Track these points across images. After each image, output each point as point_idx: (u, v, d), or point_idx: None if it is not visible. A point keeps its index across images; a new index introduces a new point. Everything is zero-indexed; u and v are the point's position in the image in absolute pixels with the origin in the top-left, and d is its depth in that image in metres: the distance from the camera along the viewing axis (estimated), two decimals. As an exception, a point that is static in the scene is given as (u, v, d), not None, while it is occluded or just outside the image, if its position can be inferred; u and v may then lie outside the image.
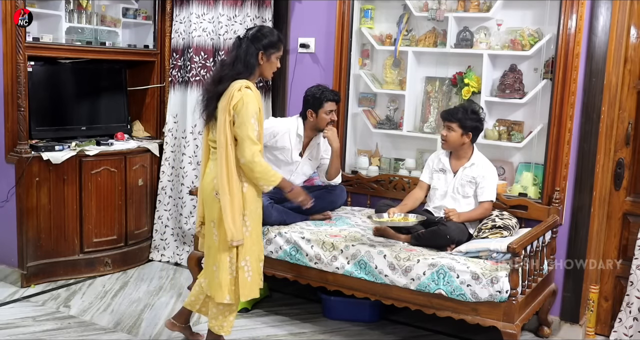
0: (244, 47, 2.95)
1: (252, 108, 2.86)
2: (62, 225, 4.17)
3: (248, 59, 2.94)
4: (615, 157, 3.58)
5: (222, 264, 2.98)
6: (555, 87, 3.51)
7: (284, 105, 4.51)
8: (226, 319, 3.09)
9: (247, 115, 2.85)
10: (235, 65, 2.94)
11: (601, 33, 3.42)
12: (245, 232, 2.97)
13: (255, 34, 2.98)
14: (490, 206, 3.51)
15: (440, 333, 3.65)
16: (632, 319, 3.30)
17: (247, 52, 2.94)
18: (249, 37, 2.97)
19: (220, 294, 3.00)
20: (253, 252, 3.03)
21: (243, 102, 2.85)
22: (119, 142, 4.52)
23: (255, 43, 2.95)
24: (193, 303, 3.29)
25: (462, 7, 3.86)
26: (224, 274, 2.98)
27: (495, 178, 3.55)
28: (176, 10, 4.59)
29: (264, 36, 2.97)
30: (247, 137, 2.86)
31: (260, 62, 2.97)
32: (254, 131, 2.87)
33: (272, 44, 2.98)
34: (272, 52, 2.99)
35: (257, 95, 2.93)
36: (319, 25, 4.33)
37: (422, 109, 4.13)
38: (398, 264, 3.21)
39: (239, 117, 2.86)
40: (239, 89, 2.87)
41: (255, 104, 2.89)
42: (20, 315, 3.67)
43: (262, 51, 2.96)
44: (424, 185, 3.70)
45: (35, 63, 4.09)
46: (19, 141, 3.98)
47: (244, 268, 2.99)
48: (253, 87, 2.94)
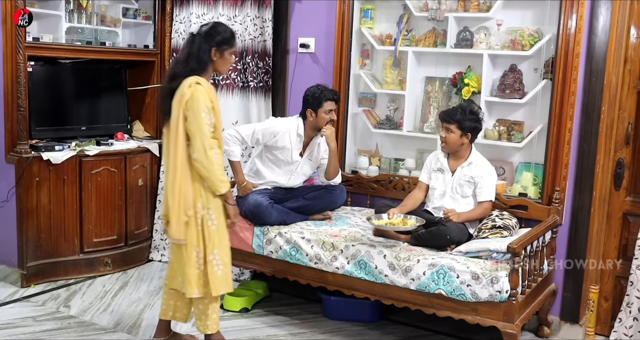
0: (196, 44, 2.98)
1: (202, 102, 2.89)
2: (62, 225, 4.17)
3: (201, 56, 2.97)
4: (615, 157, 3.58)
5: (189, 259, 3.00)
6: (555, 87, 3.51)
7: (284, 105, 4.51)
8: (209, 318, 3.10)
9: (198, 110, 2.88)
10: (189, 62, 2.98)
11: (601, 33, 3.42)
12: (211, 226, 2.99)
13: (208, 31, 3.01)
14: (489, 206, 3.51)
15: (440, 333, 3.65)
16: (632, 319, 3.30)
17: (200, 49, 2.97)
18: (202, 34, 3.00)
19: (189, 289, 3.03)
20: (222, 246, 3.05)
21: (193, 98, 2.88)
22: (119, 142, 4.52)
23: (208, 40, 2.98)
24: (165, 311, 3.27)
25: (462, 7, 3.86)
26: (191, 269, 3.00)
27: (494, 178, 3.55)
28: (176, 10, 4.59)
29: (217, 33, 3.00)
30: (199, 132, 2.88)
31: (214, 58, 3.00)
32: (205, 125, 2.89)
33: (225, 41, 3.01)
34: (225, 48, 3.01)
35: (208, 90, 2.96)
36: (319, 25, 4.33)
37: (422, 109, 4.13)
38: (398, 264, 3.21)
39: (190, 112, 2.89)
40: (189, 86, 2.91)
41: (207, 98, 2.92)
42: (20, 315, 3.67)
43: (215, 48, 2.99)
44: (423, 186, 3.70)
45: (35, 63, 4.09)
46: (19, 141, 3.98)
47: (212, 262, 3.01)
48: (204, 82, 2.96)
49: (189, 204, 2.95)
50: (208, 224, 2.99)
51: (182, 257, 3.02)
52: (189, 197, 2.95)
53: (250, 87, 4.37)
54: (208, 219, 2.99)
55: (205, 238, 3.01)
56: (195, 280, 3.01)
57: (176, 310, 3.23)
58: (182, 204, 2.94)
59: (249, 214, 3.69)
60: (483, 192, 3.49)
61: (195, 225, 2.99)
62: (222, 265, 3.03)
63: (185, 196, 2.94)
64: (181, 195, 2.94)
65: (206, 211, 2.99)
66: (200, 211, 2.99)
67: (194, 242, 2.99)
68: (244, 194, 3.78)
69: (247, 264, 3.77)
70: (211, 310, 3.09)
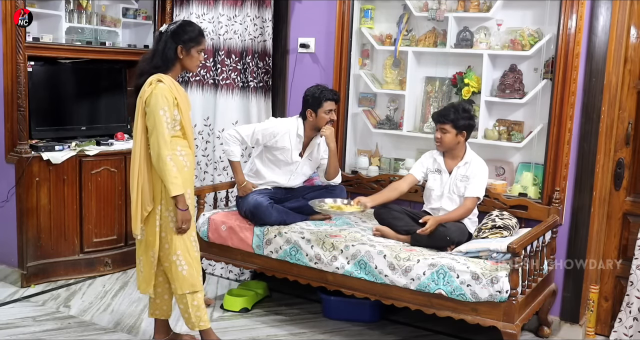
0: (162, 42, 3.02)
1: (160, 100, 2.91)
2: (62, 225, 4.17)
3: (166, 53, 3.00)
4: (615, 157, 3.58)
5: (146, 257, 3.07)
6: (555, 87, 3.51)
7: (284, 105, 4.51)
8: (191, 315, 3.11)
9: (156, 108, 2.91)
10: (154, 59, 3.02)
11: (601, 33, 3.42)
12: (173, 227, 3.02)
13: (175, 29, 3.03)
14: (472, 204, 3.46)
15: (440, 333, 3.65)
16: (632, 319, 3.30)
17: (166, 46, 3.01)
18: (169, 32, 3.03)
19: (143, 286, 3.11)
20: (184, 247, 3.06)
21: (152, 95, 2.92)
22: (119, 142, 4.52)
23: (174, 37, 3.01)
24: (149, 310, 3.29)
25: (462, 7, 3.86)
26: (148, 268, 3.08)
27: (485, 176, 3.51)
28: (176, 10, 4.59)
29: (184, 31, 3.03)
30: (155, 130, 2.92)
31: (180, 56, 3.02)
32: (162, 123, 2.91)
33: (192, 39, 3.03)
34: (192, 46, 3.03)
35: (172, 88, 2.98)
36: (319, 25, 4.33)
37: (422, 109, 4.13)
38: (398, 264, 3.21)
39: (148, 109, 2.93)
40: (149, 84, 2.95)
41: (167, 95, 2.93)
42: (20, 315, 3.67)
43: (182, 45, 3.01)
44: (411, 179, 3.64)
45: (35, 63, 4.10)
46: (19, 141, 3.98)
47: (176, 262, 3.05)
48: (167, 79, 2.98)
49: (147, 199, 2.99)
50: (170, 226, 3.03)
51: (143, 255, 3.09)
52: (147, 193, 2.99)
53: (250, 87, 4.37)
54: (170, 221, 3.02)
55: (168, 239, 3.04)
56: (150, 278, 3.10)
57: (155, 307, 3.25)
58: (141, 199, 2.99)
59: (249, 214, 3.69)
60: (470, 188, 3.46)
61: (154, 226, 3.02)
62: (187, 265, 3.07)
63: (144, 192, 2.99)
64: (140, 191, 2.99)
65: (168, 212, 3.02)
66: (163, 212, 3.02)
67: (151, 242, 3.04)
68: (243, 194, 3.78)
69: (247, 264, 3.76)
70: (192, 308, 3.10)
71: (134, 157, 3.01)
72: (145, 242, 3.08)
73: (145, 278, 3.11)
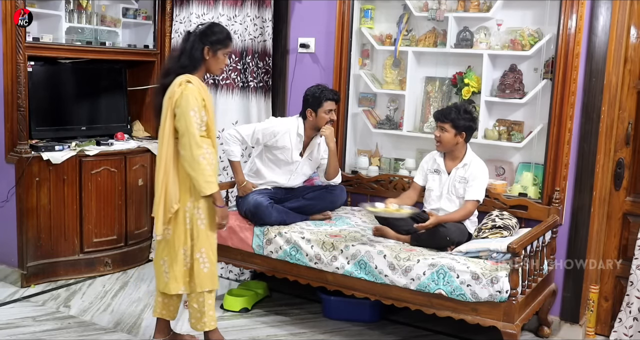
0: (190, 42, 3.03)
1: (191, 101, 2.91)
2: (62, 225, 4.17)
3: (193, 53, 3.01)
4: (615, 157, 3.58)
5: (176, 256, 3.04)
6: (555, 87, 3.51)
7: (284, 105, 4.51)
8: (205, 315, 3.11)
9: (187, 109, 2.90)
10: (181, 59, 3.03)
11: (601, 33, 3.42)
12: (200, 225, 3.03)
13: (203, 30, 3.05)
14: (473, 207, 3.48)
15: (440, 333, 3.65)
16: (632, 319, 3.30)
17: (193, 46, 3.01)
18: (197, 33, 3.04)
19: (174, 285, 3.07)
20: (209, 244, 3.07)
21: (182, 96, 2.91)
22: (119, 142, 4.52)
23: (202, 38, 3.02)
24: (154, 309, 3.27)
25: (462, 7, 3.86)
26: (178, 266, 3.05)
27: (485, 179, 3.52)
28: (176, 10, 4.59)
29: (212, 33, 3.04)
30: (187, 130, 2.91)
31: (206, 57, 3.03)
32: (194, 124, 2.91)
33: (219, 41, 3.04)
34: (218, 48, 3.04)
35: (200, 89, 2.98)
36: (319, 25, 4.33)
37: (422, 109, 4.13)
38: (398, 264, 3.21)
39: (179, 110, 2.93)
40: (179, 84, 2.94)
41: (197, 96, 2.93)
42: (20, 315, 3.67)
43: (209, 46, 3.01)
44: (417, 187, 3.69)
45: (35, 63, 4.09)
46: (19, 141, 3.98)
47: (199, 259, 3.05)
48: (196, 80, 2.99)
49: (174, 199, 2.99)
50: (197, 223, 3.03)
51: (170, 254, 3.06)
52: (173, 194, 2.99)
53: (250, 87, 4.37)
54: (198, 218, 3.03)
55: (194, 237, 3.04)
56: (181, 277, 3.07)
57: (163, 307, 3.24)
58: (166, 201, 2.98)
59: (249, 214, 3.69)
60: (470, 191, 3.46)
61: (184, 224, 3.02)
62: (209, 263, 3.08)
63: (169, 192, 2.98)
64: (164, 191, 2.98)
65: (196, 210, 3.02)
66: (190, 210, 3.02)
67: (182, 240, 3.04)
68: (243, 194, 3.78)
69: (247, 264, 3.76)
70: (207, 307, 3.10)
71: (159, 157, 3.00)
72: (172, 241, 3.05)
73: (174, 276, 3.06)
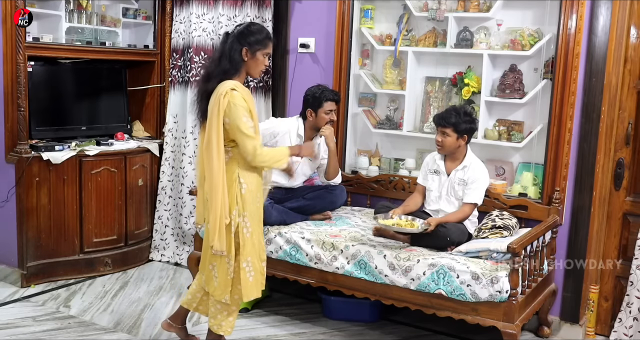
0: (229, 43, 2.92)
1: (240, 109, 2.84)
2: (62, 225, 4.17)
3: (232, 55, 2.90)
4: (615, 157, 3.58)
5: (220, 265, 2.98)
6: (555, 87, 3.51)
7: (284, 105, 4.51)
8: (225, 319, 3.08)
9: (239, 116, 2.83)
10: (221, 62, 2.92)
11: (601, 33, 3.42)
12: (246, 233, 2.96)
13: (241, 30, 2.94)
14: (470, 210, 3.48)
15: (440, 333, 3.65)
16: (632, 319, 3.30)
17: (232, 47, 2.91)
18: (235, 33, 2.94)
19: (219, 292, 3.01)
20: (255, 253, 3.02)
21: (231, 105, 2.83)
22: (119, 142, 4.52)
23: (240, 39, 2.91)
24: (190, 302, 3.27)
25: (462, 7, 3.86)
26: (223, 275, 2.99)
27: (484, 182, 3.52)
28: (176, 10, 4.59)
29: (250, 33, 2.92)
30: (244, 136, 2.85)
31: (245, 58, 2.91)
32: (248, 128, 2.86)
33: (258, 41, 2.92)
34: (257, 48, 2.92)
35: (244, 95, 2.90)
36: (319, 25, 4.33)
37: (422, 109, 4.13)
38: (398, 264, 3.21)
39: (230, 120, 2.84)
40: (224, 95, 2.83)
41: (244, 103, 2.87)
42: (20, 315, 3.67)
43: (247, 47, 2.91)
44: (421, 189, 3.69)
45: (35, 63, 4.09)
46: (19, 141, 3.98)
47: (246, 269, 2.98)
48: (240, 87, 2.90)
49: (226, 212, 2.89)
50: (243, 232, 2.95)
51: (217, 262, 2.99)
52: (227, 206, 2.89)
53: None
54: (243, 227, 2.95)
55: (240, 246, 2.96)
56: (227, 285, 2.99)
57: (200, 303, 3.22)
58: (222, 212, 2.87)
59: (249, 214, 3.69)
60: (469, 194, 3.47)
61: (229, 233, 2.93)
62: (254, 271, 3.01)
63: (225, 204, 2.88)
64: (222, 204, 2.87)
65: (242, 218, 2.94)
66: (236, 218, 2.94)
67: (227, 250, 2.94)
68: None
69: (247, 264, 3.76)
70: (230, 314, 3.08)
71: (210, 172, 2.85)
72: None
73: (222, 283, 2.99)
